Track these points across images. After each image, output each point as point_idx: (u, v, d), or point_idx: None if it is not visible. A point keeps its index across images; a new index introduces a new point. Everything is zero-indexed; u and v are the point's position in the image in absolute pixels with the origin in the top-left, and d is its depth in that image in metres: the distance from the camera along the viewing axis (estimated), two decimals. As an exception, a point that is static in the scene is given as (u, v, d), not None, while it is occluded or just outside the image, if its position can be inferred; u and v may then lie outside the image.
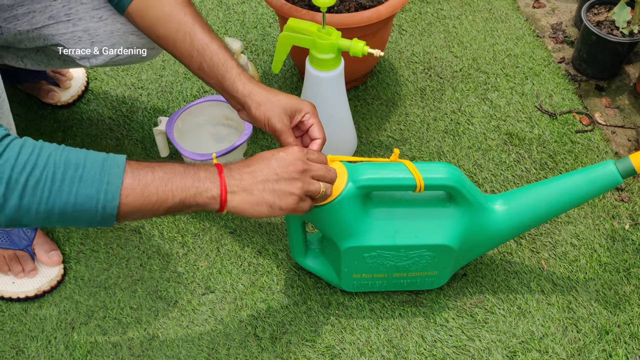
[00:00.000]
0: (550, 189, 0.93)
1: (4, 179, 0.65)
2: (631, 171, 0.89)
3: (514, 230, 0.96)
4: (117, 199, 0.70)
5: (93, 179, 0.69)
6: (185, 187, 0.74)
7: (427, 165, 0.89)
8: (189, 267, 1.10)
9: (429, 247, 0.94)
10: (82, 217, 0.70)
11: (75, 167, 0.68)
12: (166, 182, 0.73)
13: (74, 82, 1.35)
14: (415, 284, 1.02)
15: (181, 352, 1.00)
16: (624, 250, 1.12)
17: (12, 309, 1.05)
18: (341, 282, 1.01)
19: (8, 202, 0.66)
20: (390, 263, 0.96)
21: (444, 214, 0.93)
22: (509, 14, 1.56)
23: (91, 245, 1.13)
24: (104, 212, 0.70)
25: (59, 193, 0.68)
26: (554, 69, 1.43)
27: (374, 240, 0.93)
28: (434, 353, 1.00)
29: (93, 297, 1.07)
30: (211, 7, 1.56)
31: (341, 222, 0.91)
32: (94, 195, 0.69)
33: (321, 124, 0.94)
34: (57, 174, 0.67)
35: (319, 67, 1.07)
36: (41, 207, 0.68)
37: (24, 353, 1.01)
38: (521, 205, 0.95)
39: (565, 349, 1.00)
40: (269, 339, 1.01)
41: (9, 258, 1.06)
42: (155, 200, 0.72)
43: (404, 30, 1.52)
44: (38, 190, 0.67)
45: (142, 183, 0.71)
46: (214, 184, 0.76)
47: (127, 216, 0.72)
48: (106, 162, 0.70)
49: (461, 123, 1.32)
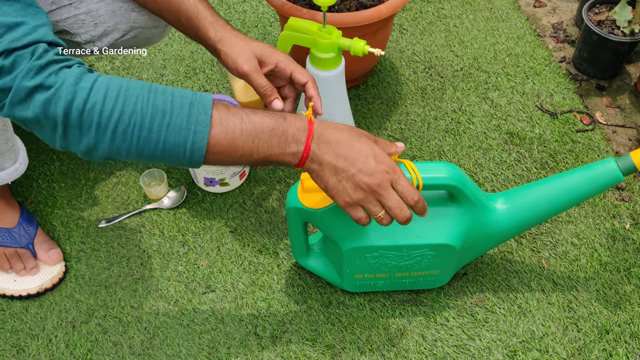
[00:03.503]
0: (551, 187, 0.93)
1: (94, 124, 0.67)
2: (632, 168, 0.88)
3: (516, 228, 0.96)
4: (204, 148, 0.71)
5: (180, 127, 0.70)
6: (271, 145, 0.74)
7: (428, 164, 0.88)
8: (189, 266, 1.10)
9: (431, 246, 0.93)
10: (171, 160, 0.72)
11: (163, 114, 0.69)
12: (253, 138, 0.73)
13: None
14: (417, 283, 1.02)
15: (181, 351, 1.00)
16: (624, 250, 1.12)
17: (13, 307, 1.05)
18: (343, 282, 1.01)
19: (100, 145, 0.69)
20: (393, 263, 0.96)
21: (445, 213, 0.93)
22: (510, 13, 1.56)
23: (92, 244, 1.13)
24: (191, 158, 0.71)
25: (147, 140, 0.69)
26: (554, 69, 1.43)
27: (376, 241, 0.93)
28: (435, 352, 1.00)
29: (94, 295, 1.07)
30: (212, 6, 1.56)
31: (343, 223, 0.91)
32: (181, 143, 0.70)
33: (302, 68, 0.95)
34: (145, 122, 0.68)
35: (320, 67, 1.07)
36: (132, 149, 0.70)
37: (24, 352, 1.01)
38: (522, 203, 0.94)
39: (565, 348, 1.00)
40: (270, 338, 1.01)
41: (10, 256, 1.06)
42: (241, 154, 0.73)
43: (405, 30, 1.51)
44: (127, 136, 0.68)
45: (229, 136, 0.72)
46: (299, 147, 0.75)
47: (212, 162, 0.74)
48: (193, 106, 0.70)
49: (462, 122, 1.32)
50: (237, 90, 1.27)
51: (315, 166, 0.76)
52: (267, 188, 1.20)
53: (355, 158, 0.76)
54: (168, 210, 1.17)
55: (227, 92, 1.37)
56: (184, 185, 1.21)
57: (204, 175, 1.15)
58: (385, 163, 0.77)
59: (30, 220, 1.10)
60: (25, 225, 1.08)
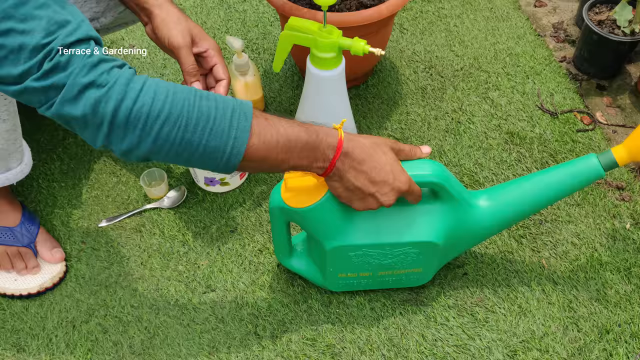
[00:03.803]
0: (534, 183, 0.93)
1: (140, 124, 0.69)
2: (613, 164, 0.88)
3: (499, 225, 0.96)
4: (241, 154, 0.73)
5: (222, 132, 0.72)
6: (301, 158, 0.77)
7: (411, 162, 0.88)
8: (189, 266, 1.10)
9: (414, 244, 0.93)
10: (207, 162, 0.74)
11: (207, 119, 0.71)
12: (286, 151, 0.76)
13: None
14: (400, 281, 1.02)
15: (182, 351, 1.00)
16: (624, 250, 1.12)
17: (13, 307, 1.05)
18: (326, 282, 1.01)
19: (142, 145, 0.70)
20: (376, 261, 0.96)
21: (428, 211, 0.93)
22: (510, 12, 1.56)
23: (92, 243, 1.13)
24: (227, 163, 0.73)
25: (189, 142, 0.71)
26: (555, 68, 1.43)
27: (360, 239, 0.92)
28: (435, 352, 1.00)
29: (94, 295, 1.07)
30: (212, 6, 1.56)
31: (326, 222, 0.90)
32: (220, 148, 0.72)
33: (225, 66, 0.97)
34: (190, 125, 0.70)
35: (320, 66, 1.07)
36: (172, 150, 0.71)
37: (25, 351, 1.01)
38: (505, 200, 0.94)
39: (565, 348, 1.00)
40: (270, 338, 1.02)
41: (12, 255, 1.07)
42: (272, 164, 0.76)
43: (405, 29, 1.51)
44: (170, 137, 0.70)
45: (265, 146, 0.74)
46: (325, 163, 0.79)
47: (244, 169, 0.77)
48: (235, 112, 0.73)
49: (462, 122, 1.32)
50: (238, 90, 1.27)
51: (336, 182, 0.82)
52: (267, 188, 1.20)
53: (375, 177, 0.81)
54: (168, 210, 1.18)
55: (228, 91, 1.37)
56: (184, 184, 1.21)
57: (204, 174, 1.15)
58: (402, 181, 0.83)
59: (32, 220, 1.10)
60: (27, 224, 1.08)
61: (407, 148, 0.87)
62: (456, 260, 1.10)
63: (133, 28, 1.51)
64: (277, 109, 1.35)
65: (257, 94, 1.29)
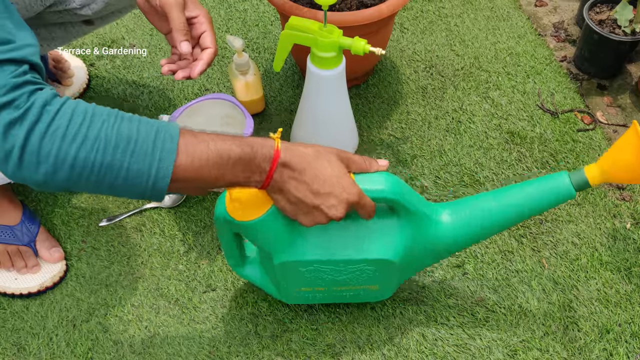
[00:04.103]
0: (501, 200, 0.86)
1: (54, 149, 0.64)
2: (584, 184, 0.82)
3: (461, 242, 0.89)
4: (168, 177, 0.68)
5: (145, 154, 0.67)
6: (236, 173, 0.73)
7: (366, 176, 0.81)
8: (190, 265, 1.10)
9: (369, 261, 0.87)
10: (133, 190, 0.69)
11: (128, 141, 0.67)
12: (218, 167, 0.71)
13: (75, 79, 1.36)
14: (358, 296, 0.96)
15: (182, 350, 1.00)
16: (625, 249, 1.12)
17: (14, 306, 1.05)
18: (281, 294, 0.97)
19: (58, 173, 0.65)
20: (330, 277, 0.90)
21: (385, 227, 0.86)
22: (511, 12, 1.56)
23: (92, 242, 1.13)
24: (154, 187, 0.69)
25: (109, 166, 0.66)
26: (555, 68, 1.43)
27: (310, 255, 0.86)
28: (435, 351, 1.00)
29: (94, 294, 1.07)
30: (213, 5, 1.56)
31: (274, 236, 0.84)
32: (145, 171, 0.68)
33: (214, 35, 0.94)
34: (109, 148, 0.66)
35: (321, 66, 1.07)
36: (92, 177, 0.67)
37: (25, 350, 1.01)
38: (469, 216, 0.87)
39: (566, 348, 1.00)
40: (270, 337, 1.02)
41: (12, 253, 1.07)
42: (205, 182, 0.72)
43: (406, 29, 1.51)
44: (88, 163, 0.65)
45: (195, 164, 0.70)
46: (261, 176, 0.75)
47: (176, 190, 0.72)
48: (159, 134, 0.68)
49: (462, 121, 1.32)
50: (238, 89, 1.27)
51: (277, 195, 0.77)
52: (267, 187, 1.20)
53: (318, 189, 0.76)
54: (169, 209, 1.18)
55: (228, 90, 1.37)
56: (184, 184, 1.21)
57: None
58: (349, 192, 0.78)
59: (32, 219, 1.10)
60: (28, 223, 1.09)
61: (360, 160, 0.81)
62: (456, 259, 1.10)
63: (134, 27, 1.51)
64: (278, 108, 1.35)
65: (258, 94, 1.29)
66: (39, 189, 0.68)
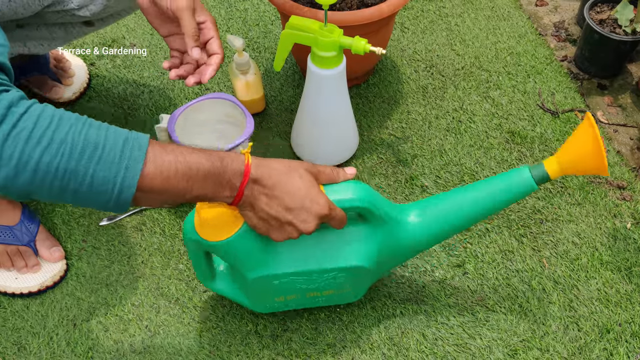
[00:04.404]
0: (466, 197, 0.89)
1: (17, 151, 0.62)
2: (545, 177, 0.84)
3: (430, 240, 0.91)
4: (134, 186, 0.66)
5: (112, 162, 0.65)
6: (205, 188, 0.72)
7: (335, 186, 0.82)
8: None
9: (342, 269, 0.89)
10: (97, 199, 0.67)
11: (95, 147, 0.65)
12: (187, 179, 0.70)
13: (75, 79, 1.36)
14: (331, 299, 0.97)
15: (182, 349, 1.00)
16: (625, 249, 1.12)
17: (14, 305, 1.05)
18: (252, 304, 0.96)
19: (20, 176, 0.63)
20: (303, 286, 0.91)
21: (355, 234, 0.88)
22: (511, 12, 1.56)
23: (93, 242, 1.13)
24: (118, 198, 0.67)
25: (74, 172, 0.64)
26: (556, 67, 1.43)
27: (284, 268, 0.87)
28: (435, 351, 1.00)
29: (95, 293, 1.07)
30: (213, 5, 1.56)
31: (246, 254, 0.85)
32: (110, 179, 0.66)
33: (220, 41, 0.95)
34: (74, 153, 0.64)
35: (321, 65, 1.07)
36: (55, 183, 0.64)
37: (25, 349, 1.01)
38: (436, 215, 0.90)
39: (566, 348, 1.00)
40: (270, 337, 1.02)
41: (12, 253, 1.07)
42: (173, 194, 0.70)
43: (406, 28, 1.51)
44: (52, 168, 0.63)
45: (163, 175, 0.68)
46: (232, 192, 0.74)
47: (141, 202, 0.70)
48: (127, 142, 0.67)
49: (463, 121, 1.32)
50: (238, 89, 1.27)
51: (248, 211, 0.77)
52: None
53: (289, 204, 0.76)
54: (169, 209, 1.18)
55: (228, 90, 1.37)
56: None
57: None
58: (320, 205, 0.78)
59: (32, 218, 1.10)
60: (27, 222, 1.09)
61: (328, 170, 0.81)
62: (457, 259, 1.10)
63: (134, 27, 1.51)
64: (278, 108, 1.35)
65: (258, 93, 1.29)
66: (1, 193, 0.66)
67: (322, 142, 1.19)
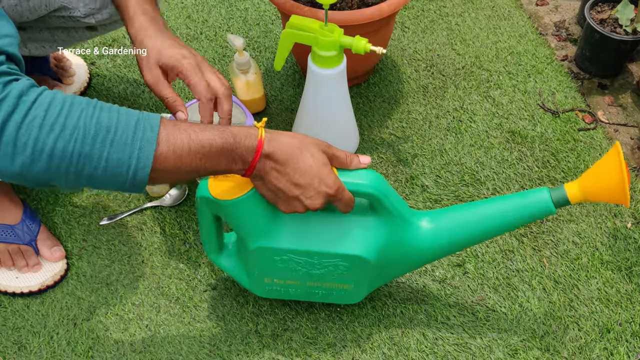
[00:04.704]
0: (481, 212, 0.87)
1: (31, 140, 0.63)
2: (564, 201, 0.82)
3: (438, 250, 0.90)
4: (149, 166, 0.67)
5: (125, 144, 0.66)
6: (218, 164, 0.73)
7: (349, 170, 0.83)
8: (190, 264, 1.10)
9: (344, 256, 0.87)
10: (112, 181, 0.68)
11: (107, 130, 0.66)
12: (200, 157, 0.71)
13: (76, 78, 1.36)
14: (330, 295, 0.96)
15: (183, 349, 1.00)
16: (625, 249, 1.12)
17: (15, 304, 1.06)
18: (252, 285, 0.96)
19: (36, 164, 0.64)
20: (303, 270, 0.90)
21: (363, 223, 0.87)
22: (512, 11, 1.56)
23: (93, 241, 1.13)
24: (134, 179, 0.68)
25: (88, 156, 0.65)
26: (556, 67, 1.43)
27: (286, 243, 0.87)
28: (435, 351, 1.00)
29: (95, 293, 1.07)
30: (213, 4, 1.56)
31: (252, 219, 0.85)
32: (125, 161, 0.66)
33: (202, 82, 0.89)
34: (87, 138, 0.65)
35: (321, 65, 1.07)
36: (70, 168, 0.65)
37: (26, 349, 1.01)
38: (448, 225, 0.89)
39: (566, 347, 1.00)
40: (271, 336, 1.02)
41: (13, 252, 1.07)
42: (187, 171, 0.71)
43: (407, 28, 1.51)
44: (67, 153, 0.64)
45: (176, 154, 0.69)
46: (244, 166, 0.75)
47: (157, 180, 0.71)
48: (139, 124, 0.67)
49: (463, 121, 1.32)
50: (239, 88, 1.27)
51: (257, 182, 0.78)
52: (268, 186, 1.20)
53: (298, 180, 0.77)
54: (169, 208, 1.18)
55: (229, 90, 1.37)
56: (185, 183, 1.21)
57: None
58: (328, 185, 0.78)
59: (33, 217, 1.10)
60: (28, 222, 1.09)
61: (342, 155, 0.82)
62: (457, 259, 1.10)
63: (134, 26, 1.51)
64: (279, 107, 1.35)
65: (259, 93, 1.29)
66: (14, 181, 0.67)
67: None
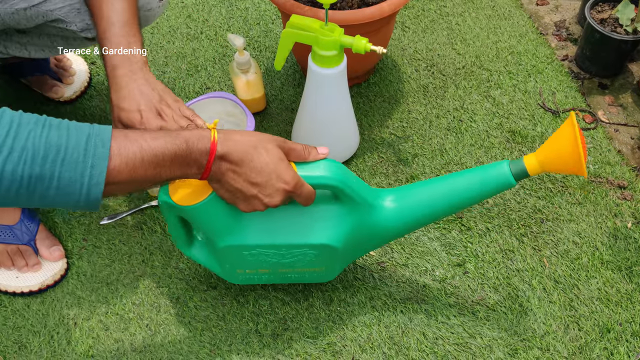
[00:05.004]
0: (443, 187, 0.88)
1: None
2: (524, 173, 0.83)
3: (404, 227, 0.91)
4: (102, 183, 0.66)
5: (77, 162, 0.65)
6: (173, 171, 0.73)
7: (308, 163, 0.83)
8: (190, 264, 1.10)
9: (311, 246, 0.88)
10: (66, 200, 0.67)
11: (57, 150, 0.64)
12: (154, 166, 0.70)
13: (76, 78, 1.36)
14: (303, 277, 0.97)
15: (183, 348, 1.00)
16: (626, 249, 1.12)
17: (15, 304, 1.06)
18: (226, 274, 0.96)
19: None
20: (273, 260, 0.91)
21: (328, 213, 0.88)
22: (512, 11, 1.56)
23: (93, 241, 1.13)
24: (88, 196, 0.67)
25: (39, 178, 0.64)
26: (557, 67, 1.43)
27: (253, 239, 0.88)
28: (435, 350, 1.00)
29: (95, 292, 1.07)
30: (214, 4, 1.56)
31: (216, 221, 0.85)
32: (77, 180, 0.65)
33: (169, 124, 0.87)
34: (37, 158, 0.63)
35: (322, 64, 1.07)
36: (21, 190, 0.64)
37: (26, 348, 1.01)
38: (412, 202, 0.89)
39: (566, 347, 1.00)
40: (271, 336, 1.02)
41: (12, 253, 1.07)
42: (142, 181, 0.71)
43: (407, 27, 1.51)
44: (16, 176, 0.63)
45: (129, 166, 0.68)
46: (199, 170, 0.75)
47: (112, 194, 0.70)
48: (90, 140, 0.66)
49: (464, 120, 1.32)
50: (239, 88, 1.27)
51: (215, 184, 0.78)
52: (268, 186, 1.20)
53: (255, 179, 0.77)
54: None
55: (229, 89, 1.37)
56: (185, 182, 1.21)
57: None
58: (286, 181, 0.79)
59: (31, 217, 1.10)
60: (27, 222, 1.09)
61: (299, 148, 0.81)
62: (457, 258, 1.10)
63: (135, 26, 1.50)
64: (279, 107, 1.35)
65: (259, 92, 1.29)
66: None
67: (323, 141, 1.19)
